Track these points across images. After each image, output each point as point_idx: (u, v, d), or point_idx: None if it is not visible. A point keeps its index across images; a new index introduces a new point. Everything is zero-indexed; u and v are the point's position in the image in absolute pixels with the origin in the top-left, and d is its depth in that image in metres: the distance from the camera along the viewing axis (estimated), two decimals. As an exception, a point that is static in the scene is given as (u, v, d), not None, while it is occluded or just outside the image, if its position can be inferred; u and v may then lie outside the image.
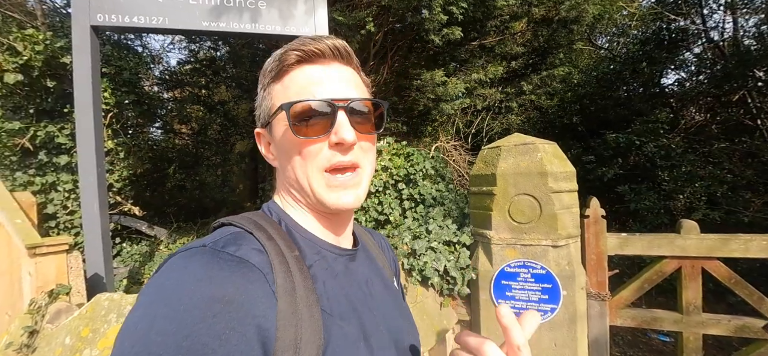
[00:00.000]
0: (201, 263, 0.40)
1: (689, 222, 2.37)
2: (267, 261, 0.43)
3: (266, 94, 0.55)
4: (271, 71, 0.53)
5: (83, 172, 2.24)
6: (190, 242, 0.44)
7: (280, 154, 0.55)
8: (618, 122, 6.22)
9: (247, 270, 0.41)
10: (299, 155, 0.52)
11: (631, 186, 5.24)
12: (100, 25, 2.18)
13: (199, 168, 7.13)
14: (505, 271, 2.27)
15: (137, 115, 4.33)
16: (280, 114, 0.51)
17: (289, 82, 0.52)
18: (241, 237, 0.45)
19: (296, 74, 0.52)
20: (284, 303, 0.41)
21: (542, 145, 2.29)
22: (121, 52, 4.20)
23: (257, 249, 0.44)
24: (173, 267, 0.40)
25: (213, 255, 0.41)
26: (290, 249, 0.47)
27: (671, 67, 6.54)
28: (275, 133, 0.54)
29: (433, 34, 3.65)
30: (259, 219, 0.50)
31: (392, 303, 0.64)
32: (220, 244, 0.43)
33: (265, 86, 0.55)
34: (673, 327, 2.42)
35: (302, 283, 0.45)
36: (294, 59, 0.52)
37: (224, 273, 0.39)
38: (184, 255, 0.41)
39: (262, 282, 0.41)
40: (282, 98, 0.52)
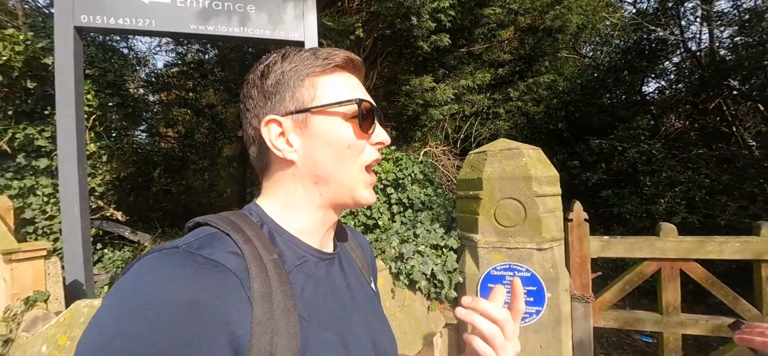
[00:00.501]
0: (173, 265, 0.38)
1: (668, 225, 2.45)
2: (243, 265, 0.42)
3: (303, 84, 0.53)
4: (313, 65, 0.53)
5: (64, 176, 2.19)
6: (162, 243, 0.43)
7: (317, 144, 0.53)
8: (601, 128, 6.40)
9: (222, 274, 0.39)
10: (349, 148, 0.53)
11: (614, 191, 5.37)
12: (84, 26, 2.15)
13: (186, 172, 7.02)
14: (492, 274, 2.30)
15: (122, 118, 4.25)
16: (342, 106, 0.53)
17: (339, 82, 0.54)
18: (216, 238, 0.44)
19: (342, 76, 0.55)
20: (260, 308, 0.40)
21: (527, 150, 2.34)
22: (106, 53, 4.13)
23: (233, 253, 0.42)
24: (143, 269, 0.38)
25: (186, 257, 0.39)
26: (269, 253, 0.46)
27: (652, 76, 6.77)
28: (315, 123, 0.52)
29: (422, 40, 3.70)
30: (237, 220, 0.48)
31: (371, 308, 0.64)
32: (195, 246, 0.41)
33: (300, 76, 0.53)
34: (654, 327, 2.48)
35: (280, 288, 0.43)
36: (340, 62, 0.54)
37: (197, 277, 0.38)
38: (156, 257, 0.40)
39: (236, 288, 0.40)
40: (335, 93, 0.53)
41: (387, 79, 5.15)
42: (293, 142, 0.53)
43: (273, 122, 0.53)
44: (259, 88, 0.55)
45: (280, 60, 0.54)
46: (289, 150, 0.53)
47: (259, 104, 0.54)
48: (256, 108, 0.55)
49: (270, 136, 0.53)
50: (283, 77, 0.53)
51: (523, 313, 0.71)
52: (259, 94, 0.55)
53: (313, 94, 0.53)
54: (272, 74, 0.54)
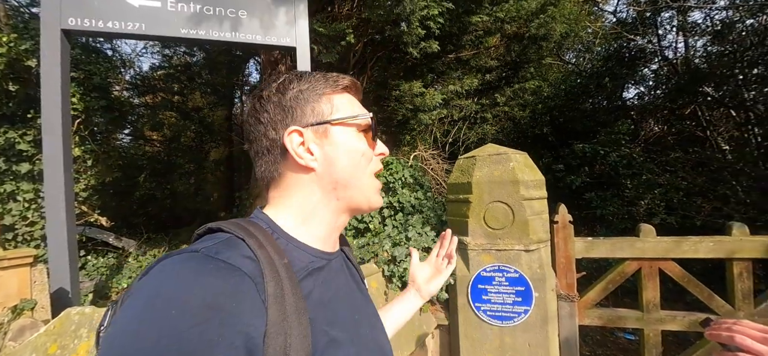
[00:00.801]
0: (193, 269, 0.40)
1: (647, 226, 2.57)
2: (258, 270, 0.44)
3: (321, 100, 0.59)
4: (326, 85, 0.60)
5: (49, 181, 2.14)
6: (180, 247, 0.45)
7: (337, 151, 0.58)
8: (585, 133, 6.60)
9: (239, 278, 0.41)
10: (363, 156, 0.60)
11: (597, 194, 5.55)
12: (71, 29, 2.12)
13: (172, 176, 6.89)
14: (482, 276, 2.36)
15: (107, 122, 4.16)
16: (359, 120, 0.60)
17: (349, 100, 0.62)
18: (232, 243, 0.46)
19: (349, 96, 0.63)
20: (274, 311, 0.42)
21: (514, 154, 2.42)
22: (91, 55, 4.04)
23: (249, 257, 0.45)
24: (165, 272, 0.41)
25: (206, 261, 0.41)
26: (280, 257, 0.48)
27: (631, 82, 7.02)
28: (335, 133, 0.59)
29: (412, 46, 3.77)
30: (249, 226, 0.51)
31: (371, 307, 0.68)
32: (213, 250, 0.43)
33: (319, 93, 0.59)
34: (635, 324, 2.59)
35: (291, 291, 0.46)
36: (347, 84, 0.62)
37: (216, 280, 0.40)
38: (176, 260, 0.42)
39: (252, 291, 0.41)
40: (349, 109, 0.60)
41: (377, 83, 5.20)
42: (313, 150, 0.58)
43: (295, 132, 0.57)
44: (275, 103, 0.59)
45: (296, 80, 0.60)
46: (310, 158, 0.58)
47: (276, 117, 0.58)
48: (274, 121, 0.58)
49: (293, 145, 0.57)
50: (302, 94, 0.59)
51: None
52: (275, 108, 0.59)
53: (331, 109, 0.59)
54: (290, 91, 0.59)
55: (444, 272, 0.97)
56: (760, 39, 5.01)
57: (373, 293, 2.29)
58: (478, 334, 2.37)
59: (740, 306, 2.41)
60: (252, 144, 0.61)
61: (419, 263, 1.00)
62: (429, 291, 0.95)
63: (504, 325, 2.31)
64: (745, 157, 5.20)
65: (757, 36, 5.09)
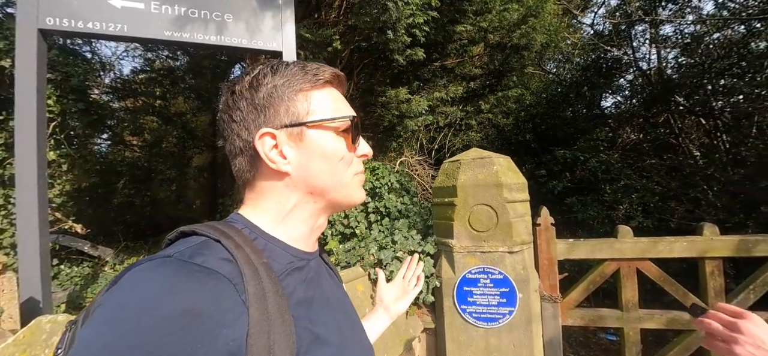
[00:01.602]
0: (167, 275, 0.38)
1: (624, 227, 2.66)
2: (236, 270, 0.43)
3: (297, 98, 0.55)
4: (303, 80, 0.55)
5: (21, 185, 2.06)
6: (151, 254, 0.43)
7: (312, 156, 0.55)
8: (566, 140, 6.80)
9: (216, 280, 0.40)
10: (341, 161, 0.56)
11: (578, 198, 5.71)
12: (48, 28, 2.06)
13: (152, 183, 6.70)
14: (467, 278, 2.39)
15: (84, 125, 4.03)
16: (338, 122, 0.56)
17: (328, 97, 0.57)
18: (207, 246, 0.44)
19: (330, 91, 0.58)
20: (256, 311, 0.41)
21: (497, 158, 2.47)
22: (68, 57, 3.92)
23: (225, 259, 0.43)
24: (135, 280, 0.38)
25: (179, 266, 0.40)
26: (259, 257, 0.47)
27: (609, 92, 7.31)
28: (310, 136, 0.54)
29: (398, 54, 3.82)
30: (224, 228, 0.49)
31: (351, 307, 0.68)
32: (187, 255, 0.41)
33: (294, 90, 0.55)
34: (616, 323, 2.66)
35: (272, 290, 0.45)
36: (328, 77, 0.57)
37: (192, 284, 0.38)
38: (148, 266, 0.40)
39: (231, 293, 0.40)
40: (328, 108, 0.56)
41: (363, 90, 5.23)
42: (287, 154, 0.54)
43: (267, 135, 0.54)
44: (248, 100, 0.55)
45: (270, 73, 0.55)
46: (284, 162, 0.54)
47: (249, 116, 0.54)
48: (246, 120, 0.55)
49: (264, 149, 0.54)
50: (276, 91, 0.54)
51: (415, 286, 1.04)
52: (248, 106, 0.55)
53: (307, 108, 0.55)
54: (263, 87, 0.54)
55: (411, 293, 1.01)
56: (727, 51, 5.31)
57: (359, 296, 2.28)
58: (464, 336, 2.39)
59: (713, 303, 2.51)
60: (226, 142, 0.58)
61: (386, 284, 1.01)
62: (396, 310, 0.97)
63: (489, 327, 2.34)
64: (714, 163, 5.46)
65: (723, 49, 5.40)
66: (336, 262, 2.82)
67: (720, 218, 4.48)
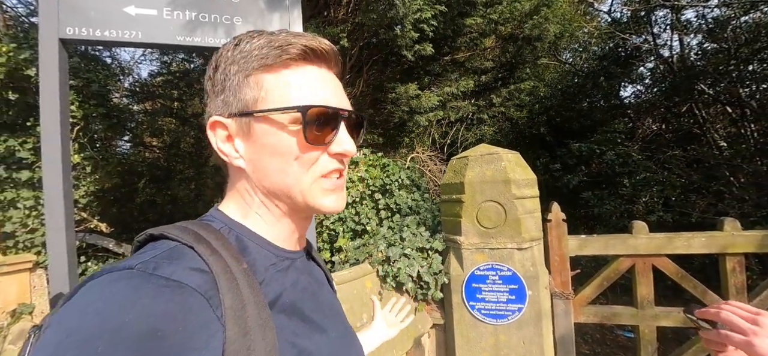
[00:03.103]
0: (126, 290, 0.33)
1: (639, 222, 2.58)
2: (210, 281, 0.38)
3: (248, 82, 0.46)
4: (262, 57, 0.45)
5: (48, 188, 2.18)
6: (115, 262, 0.36)
7: (261, 153, 0.47)
8: (581, 132, 6.63)
9: (186, 295, 0.35)
10: (297, 160, 0.46)
11: (594, 192, 5.57)
12: (69, 38, 2.16)
13: (171, 182, 6.92)
14: (475, 274, 2.38)
15: (106, 128, 4.21)
16: (285, 113, 0.45)
17: (292, 78, 0.46)
18: (177, 253, 0.39)
19: (300, 71, 0.47)
20: (233, 327, 0.37)
21: (506, 154, 2.45)
22: (90, 63, 4.10)
23: (197, 269, 0.38)
24: (91, 296, 0.33)
25: (142, 279, 0.34)
26: (238, 263, 0.42)
27: (628, 81, 7.06)
28: (258, 130, 0.46)
29: (406, 49, 3.81)
30: (199, 230, 0.43)
31: (339, 306, 0.65)
32: (151, 266, 0.36)
33: (246, 71, 0.46)
34: (631, 320, 2.60)
35: (253, 300, 0.40)
36: (298, 53, 0.46)
37: (156, 301, 0.33)
38: (105, 280, 0.34)
39: (203, 309, 0.35)
40: (283, 94, 0.45)
41: (373, 86, 5.24)
42: (239, 147, 0.48)
43: (218, 124, 0.47)
44: (211, 82, 0.49)
45: (232, 48, 0.47)
46: (235, 156, 0.48)
47: (210, 101, 0.49)
48: (209, 105, 0.49)
49: (216, 139, 0.48)
50: (230, 71, 0.47)
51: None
52: (211, 89, 0.49)
53: (257, 94, 0.46)
54: (222, 65, 0.47)
55: (399, 325, 1.18)
56: (754, 35, 5.04)
57: (368, 293, 2.31)
58: (473, 333, 2.39)
59: (734, 300, 2.42)
60: None
61: (379, 311, 1.21)
62: (387, 334, 1.13)
63: (498, 323, 2.33)
64: (741, 154, 5.22)
65: (751, 33, 5.12)
66: (345, 259, 2.86)
67: (745, 212, 4.30)
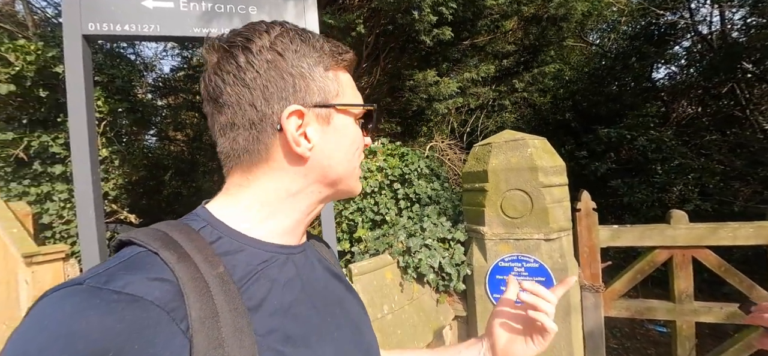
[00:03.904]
0: (73, 308, 0.31)
1: (678, 212, 2.41)
2: (173, 292, 0.35)
3: (328, 76, 0.49)
4: (333, 57, 0.50)
5: (78, 181, 2.25)
6: (47, 288, 0.34)
7: (336, 141, 0.51)
8: (610, 117, 6.30)
9: (141, 310, 0.32)
10: (357, 150, 0.54)
11: (623, 180, 5.30)
12: (91, 34, 2.19)
13: (195, 174, 7.12)
14: (499, 266, 2.30)
15: (131, 123, 4.34)
16: (358, 109, 0.53)
17: (350, 80, 0.54)
18: (137, 262, 0.36)
19: (349, 76, 0.55)
20: (202, 339, 0.34)
21: (532, 140, 2.33)
22: (114, 60, 4.21)
23: (158, 278, 0.35)
24: (39, 316, 0.32)
25: (90, 295, 0.32)
26: (213, 267, 0.39)
27: (661, 61, 6.62)
28: (337, 121, 0.50)
29: (424, 34, 3.69)
30: (170, 232, 0.41)
31: (350, 299, 0.60)
32: (103, 279, 0.33)
33: (326, 66, 0.49)
34: (667, 316, 2.45)
35: (228, 307, 0.37)
36: (350, 60, 0.54)
37: (105, 319, 0.30)
38: (55, 298, 0.32)
39: (164, 323, 0.33)
40: (351, 92, 0.53)
41: (390, 74, 5.14)
42: (311, 136, 0.48)
43: (296, 113, 0.46)
44: (271, 65, 0.45)
45: (299, 39, 0.47)
46: (307, 145, 0.47)
47: (271, 85, 0.45)
48: (267, 89, 0.45)
49: (292, 128, 0.46)
50: (305, 61, 0.47)
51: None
52: (272, 72, 0.45)
53: (337, 88, 0.50)
54: (290, 53, 0.46)
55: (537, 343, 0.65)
56: (808, 6, 4.59)
57: (388, 284, 2.28)
58: (496, 326, 2.32)
59: (784, 296, 2.24)
60: (223, 108, 0.46)
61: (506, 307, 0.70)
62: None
63: (524, 317, 2.25)
64: (790, 137, 4.81)
65: (803, 4, 4.67)
66: (365, 249, 2.83)
67: (796, 199, 3.96)
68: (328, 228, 2.36)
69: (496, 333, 0.68)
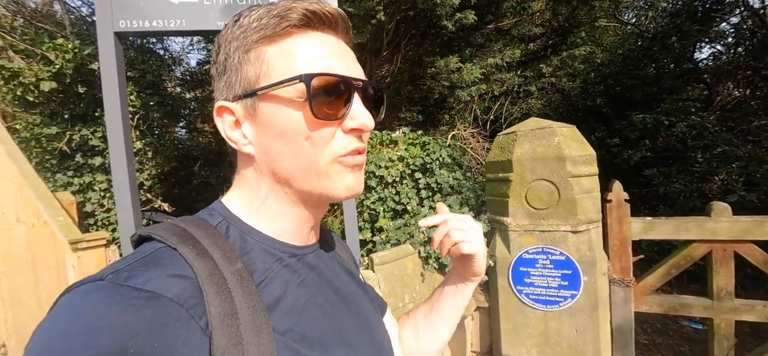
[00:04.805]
0: (95, 305, 0.31)
1: (720, 204, 2.25)
2: (192, 288, 0.35)
3: (249, 58, 0.42)
4: (262, 28, 0.41)
5: (115, 171, 2.38)
6: (92, 273, 0.35)
7: (268, 136, 0.43)
8: (645, 102, 5.92)
9: (161, 307, 0.32)
10: (307, 140, 0.42)
11: (659, 169, 5.00)
12: (122, 31, 2.29)
13: (223, 164, 7.37)
14: (523, 258, 2.25)
15: (162, 116, 4.52)
16: (289, 86, 0.40)
17: (295, 47, 0.42)
18: (157, 259, 0.36)
19: (304, 39, 0.42)
20: (221, 336, 0.34)
21: (560, 128, 2.23)
22: (145, 55, 4.38)
23: (177, 275, 0.35)
24: (62, 312, 0.32)
25: (112, 291, 0.32)
26: (231, 263, 0.39)
27: (705, 40, 6.12)
28: (263, 110, 0.42)
29: (446, 19, 3.59)
30: (190, 228, 0.41)
31: (364, 299, 0.59)
32: (123, 276, 0.33)
33: (246, 47, 0.42)
34: (703, 313, 2.32)
35: (246, 304, 0.37)
36: (299, 19, 0.41)
37: (125, 316, 0.30)
38: (76, 294, 0.32)
39: (183, 320, 0.33)
40: (287, 66, 0.41)
41: (411, 62, 5.06)
42: (247, 132, 0.44)
43: (225, 110, 0.44)
44: (215, 65, 0.45)
45: (232, 26, 0.43)
46: (244, 142, 0.44)
47: (215, 85, 0.46)
48: (215, 91, 0.46)
49: (224, 126, 0.44)
50: (230, 49, 0.43)
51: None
52: (215, 73, 0.45)
53: (259, 69, 0.42)
54: (223, 45, 0.44)
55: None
56: None
57: (409, 274, 2.28)
58: (520, 318, 2.28)
59: (842, 295, 2.06)
60: None
61: None
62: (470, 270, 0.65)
63: (549, 309, 2.20)
64: None
65: None
66: (386, 239, 2.85)
67: None
68: (349, 218, 2.39)
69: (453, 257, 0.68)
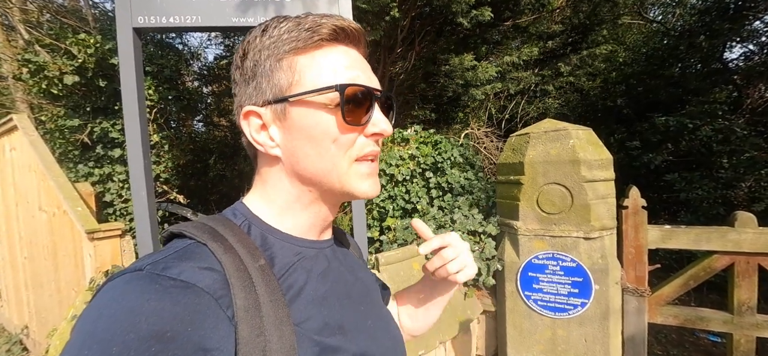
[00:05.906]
0: (135, 292, 0.34)
1: (745, 214, 2.14)
2: (221, 281, 0.38)
3: (281, 66, 0.46)
4: (293, 40, 0.45)
5: (132, 163, 2.45)
6: (131, 263, 0.38)
7: (297, 139, 0.46)
8: (669, 103, 5.69)
9: (194, 296, 0.35)
10: (334, 143, 0.46)
11: (681, 174, 4.80)
12: (141, 26, 2.34)
13: (238, 158, 7.51)
14: (533, 263, 2.20)
15: (179, 110, 4.64)
16: (322, 94, 0.45)
17: (325, 60, 0.46)
18: (189, 252, 0.39)
19: (332, 51, 0.47)
20: (246, 327, 0.37)
21: (575, 131, 2.16)
22: (163, 50, 4.49)
23: (208, 268, 0.38)
24: (106, 298, 0.34)
25: (150, 281, 0.35)
26: (254, 259, 0.42)
27: (736, 39, 5.82)
28: (294, 114, 0.46)
29: (462, 16, 3.53)
30: (216, 226, 0.44)
31: (376, 295, 0.63)
32: (160, 267, 0.36)
33: (278, 56, 0.46)
34: (722, 328, 2.22)
35: (269, 298, 0.40)
36: (328, 33, 0.46)
37: (163, 303, 0.33)
38: (118, 283, 0.35)
39: (213, 309, 0.35)
40: (318, 75, 0.45)
41: (425, 59, 5.01)
42: (275, 136, 0.47)
43: (253, 114, 0.47)
44: (240, 71, 0.48)
45: (260, 35, 0.46)
46: (271, 145, 0.47)
47: (241, 90, 0.48)
48: (239, 95, 0.48)
49: (250, 130, 0.47)
50: (261, 57, 0.46)
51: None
52: (241, 78, 0.48)
53: (292, 78, 0.45)
54: (251, 52, 0.47)
55: None
56: None
57: (416, 275, 2.27)
58: (527, 324, 2.24)
59: None
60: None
61: None
62: None
63: (557, 317, 2.15)
64: None
65: None
66: (393, 239, 2.84)
67: None
68: (358, 216, 2.39)
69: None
